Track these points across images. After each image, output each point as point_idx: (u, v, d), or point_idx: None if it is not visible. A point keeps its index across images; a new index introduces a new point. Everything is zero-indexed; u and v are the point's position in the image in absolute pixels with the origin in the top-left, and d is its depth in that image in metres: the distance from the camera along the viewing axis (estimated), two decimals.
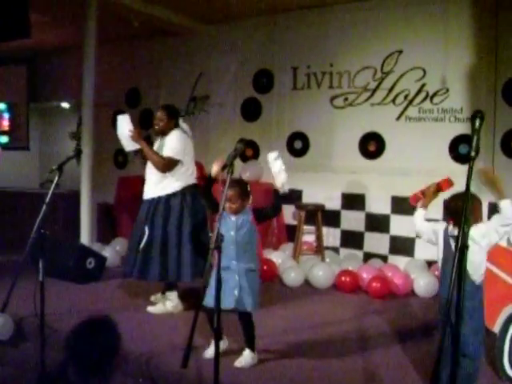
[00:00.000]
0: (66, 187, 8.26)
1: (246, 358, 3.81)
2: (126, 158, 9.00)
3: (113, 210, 8.13)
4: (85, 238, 6.77)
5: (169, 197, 5.01)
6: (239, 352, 3.86)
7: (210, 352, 3.81)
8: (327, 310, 5.32)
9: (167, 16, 7.27)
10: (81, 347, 2.17)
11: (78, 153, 4.57)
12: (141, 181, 7.92)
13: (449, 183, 3.48)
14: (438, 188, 3.48)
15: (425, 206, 3.49)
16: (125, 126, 5.05)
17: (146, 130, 8.75)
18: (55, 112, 10.37)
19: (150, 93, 8.68)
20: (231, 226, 3.81)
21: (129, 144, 5.14)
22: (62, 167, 4.07)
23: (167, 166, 4.97)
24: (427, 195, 3.50)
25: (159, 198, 5.03)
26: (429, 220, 3.50)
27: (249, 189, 3.91)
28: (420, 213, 3.49)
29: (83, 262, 6.01)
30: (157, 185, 5.05)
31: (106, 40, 7.55)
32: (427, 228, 3.46)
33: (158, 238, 4.96)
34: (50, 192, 3.97)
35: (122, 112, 8.90)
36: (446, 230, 3.29)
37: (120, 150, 9.01)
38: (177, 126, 5.12)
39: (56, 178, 4.03)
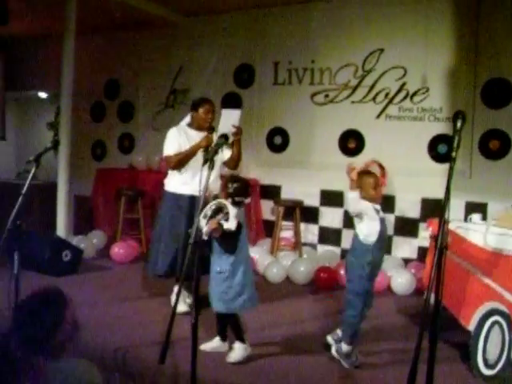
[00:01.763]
0: (43, 178, 8.19)
1: (237, 351, 3.81)
2: (104, 149, 8.91)
3: (90, 202, 8.04)
4: (61, 230, 6.69)
5: None
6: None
7: (209, 345, 3.92)
8: (307, 306, 5.35)
9: (148, 7, 7.18)
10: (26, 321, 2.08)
11: (55, 144, 4.48)
12: (119, 173, 7.94)
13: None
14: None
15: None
16: (232, 120, 4.66)
17: (123, 123, 8.73)
18: (32, 101, 10.21)
19: (130, 85, 8.59)
20: None
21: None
22: (40, 158, 4.00)
23: None
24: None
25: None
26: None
27: (248, 189, 3.89)
28: None
29: (59, 254, 5.95)
30: (215, 183, 4.80)
31: (85, 30, 7.47)
32: None
33: None
34: (27, 183, 3.91)
35: (101, 104, 8.88)
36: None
37: (98, 142, 8.94)
38: None
39: (33, 169, 3.96)
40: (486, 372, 3.63)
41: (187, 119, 5.14)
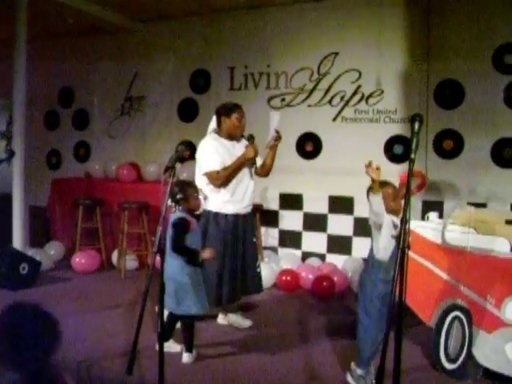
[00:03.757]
0: None
1: (185, 358, 3.90)
2: (59, 158, 8.74)
3: (46, 213, 7.87)
4: (17, 242, 6.51)
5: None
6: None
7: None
8: (269, 309, 5.37)
9: (101, 13, 7.10)
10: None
11: (11, 155, 4.39)
12: (76, 182, 7.80)
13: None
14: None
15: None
16: (275, 123, 4.74)
17: (78, 131, 8.58)
18: None
19: (84, 92, 8.46)
20: None
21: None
22: None
23: None
24: None
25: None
26: None
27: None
28: None
29: (16, 267, 5.81)
30: (251, 195, 4.67)
31: (37, 36, 7.32)
32: None
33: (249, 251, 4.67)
34: None
35: (54, 112, 8.71)
36: None
37: (53, 150, 8.77)
38: None
39: None
40: (449, 366, 3.73)
41: (212, 126, 4.71)
